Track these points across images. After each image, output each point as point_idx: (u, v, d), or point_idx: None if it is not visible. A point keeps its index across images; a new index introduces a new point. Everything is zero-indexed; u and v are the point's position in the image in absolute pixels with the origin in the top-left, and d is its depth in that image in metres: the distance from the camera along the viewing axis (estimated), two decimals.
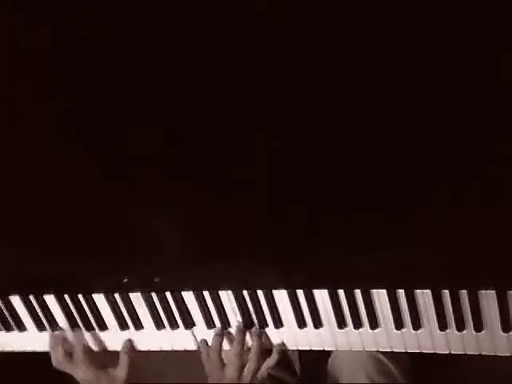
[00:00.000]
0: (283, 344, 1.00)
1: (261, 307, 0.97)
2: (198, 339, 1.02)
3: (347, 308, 0.94)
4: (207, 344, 1.01)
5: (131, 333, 1.04)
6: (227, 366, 0.98)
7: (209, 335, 1.01)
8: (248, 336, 0.99)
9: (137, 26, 0.79)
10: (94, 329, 1.05)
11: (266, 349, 1.00)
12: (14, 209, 0.95)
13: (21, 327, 1.08)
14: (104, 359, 1.05)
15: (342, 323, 0.96)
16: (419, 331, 0.93)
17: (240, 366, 0.97)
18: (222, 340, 1.00)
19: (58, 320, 1.05)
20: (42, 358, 1.04)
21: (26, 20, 0.80)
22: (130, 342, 1.04)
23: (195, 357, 1.05)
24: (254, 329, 0.99)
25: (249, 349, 0.99)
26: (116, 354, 1.04)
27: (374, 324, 0.94)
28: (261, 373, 0.98)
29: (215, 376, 0.99)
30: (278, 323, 0.98)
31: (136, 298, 1.01)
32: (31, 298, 1.05)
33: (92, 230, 0.95)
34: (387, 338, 0.95)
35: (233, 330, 1.00)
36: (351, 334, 0.96)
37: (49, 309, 1.05)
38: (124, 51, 0.80)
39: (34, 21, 0.80)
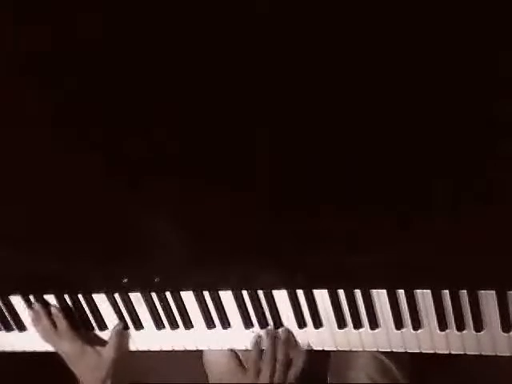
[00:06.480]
0: (309, 344, 0.99)
1: (261, 307, 0.98)
2: (198, 339, 1.02)
3: (347, 308, 0.94)
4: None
5: (131, 333, 1.04)
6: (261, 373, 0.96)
7: (209, 335, 1.01)
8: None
9: (137, 26, 0.79)
10: (93, 329, 1.05)
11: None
12: (14, 209, 0.95)
13: (21, 327, 1.08)
14: (93, 338, 1.04)
15: (342, 323, 0.96)
16: (419, 331, 0.93)
17: (257, 372, 0.96)
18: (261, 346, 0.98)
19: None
20: (42, 357, 1.04)
21: (26, 20, 0.80)
22: (122, 324, 1.03)
23: (195, 357, 1.05)
24: (269, 330, 0.97)
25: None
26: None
27: (373, 324, 0.94)
28: (292, 374, 0.97)
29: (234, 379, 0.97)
30: (278, 323, 0.98)
31: (136, 297, 1.01)
32: (31, 297, 1.05)
33: (92, 230, 0.95)
34: (387, 338, 0.95)
35: (233, 330, 1.01)
36: (351, 334, 0.96)
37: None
38: (124, 51, 0.80)
39: (34, 21, 0.80)
